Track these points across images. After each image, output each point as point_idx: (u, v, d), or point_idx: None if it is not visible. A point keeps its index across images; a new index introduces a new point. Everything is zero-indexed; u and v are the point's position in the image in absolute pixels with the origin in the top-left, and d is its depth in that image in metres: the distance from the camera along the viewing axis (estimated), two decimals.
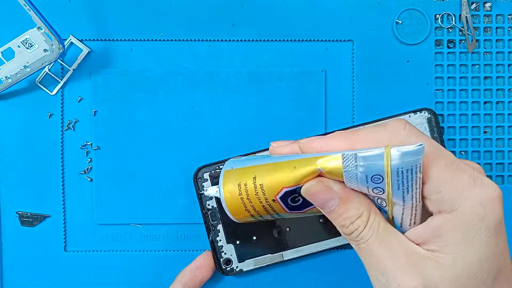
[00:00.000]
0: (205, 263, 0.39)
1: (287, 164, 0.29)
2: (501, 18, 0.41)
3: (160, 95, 0.40)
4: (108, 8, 0.40)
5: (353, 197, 0.28)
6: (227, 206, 0.31)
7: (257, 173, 0.30)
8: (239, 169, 0.31)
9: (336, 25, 0.40)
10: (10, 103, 0.40)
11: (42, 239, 0.40)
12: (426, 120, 0.39)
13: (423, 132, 0.28)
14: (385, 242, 0.28)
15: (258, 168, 0.30)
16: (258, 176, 0.30)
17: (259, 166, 0.30)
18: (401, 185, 0.26)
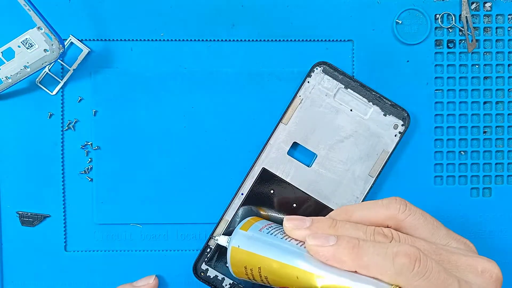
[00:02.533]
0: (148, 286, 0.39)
1: (290, 270, 0.29)
2: (501, 18, 0.41)
3: (160, 95, 0.40)
4: (108, 8, 0.40)
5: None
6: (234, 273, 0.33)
7: (262, 266, 0.31)
8: (245, 252, 0.32)
9: (336, 25, 0.40)
10: (10, 103, 0.40)
11: (42, 239, 0.40)
12: (323, 72, 0.39)
13: (438, 266, 0.28)
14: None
15: (263, 260, 0.31)
16: (263, 268, 0.31)
17: (264, 258, 0.31)
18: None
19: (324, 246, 0.29)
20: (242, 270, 0.32)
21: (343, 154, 0.39)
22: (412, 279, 0.27)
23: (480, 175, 0.41)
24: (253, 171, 0.39)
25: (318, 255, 0.29)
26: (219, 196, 0.40)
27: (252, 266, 0.31)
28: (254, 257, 0.31)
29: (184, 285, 0.41)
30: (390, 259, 0.27)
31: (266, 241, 0.31)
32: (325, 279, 0.28)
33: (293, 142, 0.39)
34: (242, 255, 0.32)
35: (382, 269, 0.27)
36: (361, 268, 0.28)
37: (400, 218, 0.31)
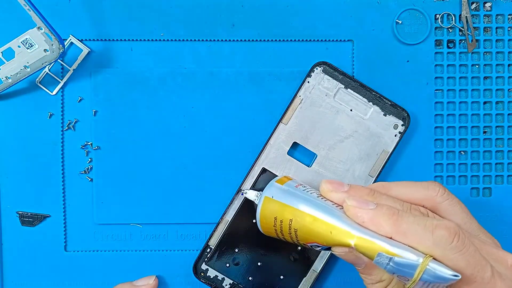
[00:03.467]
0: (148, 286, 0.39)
1: (325, 226, 0.29)
2: (501, 18, 0.41)
3: (160, 95, 0.40)
4: (108, 8, 0.40)
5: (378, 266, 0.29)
6: (261, 226, 0.33)
7: (294, 218, 0.30)
8: (279, 203, 0.31)
9: (336, 25, 0.40)
10: (10, 103, 0.40)
11: (42, 239, 0.40)
12: (323, 72, 0.39)
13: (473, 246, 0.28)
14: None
15: (297, 212, 0.30)
16: (294, 221, 0.30)
17: (298, 211, 0.30)
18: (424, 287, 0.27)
19: (363, 209, 0.29)
20: (271, 222, 0.32)
21: (343, 154, 0.39)
22: (449, 252, 0.27)
23: (480, 175, 0.41)
24: (253, 171, 0.39)
25: (355, 216, 0.29)
26: (219, 196, 0.40)
27: (283, 218, 0.31)
28: (287, 209, 0.31)
29: (184, 285, 0.41)
30: (430, 230, 0.27)
31: (302, 196, 0.31)
32: (359, 237, 0.28)
33: (293, 142, 0.39)
34: (275, 206, 0.31)
35: (420, 238, 0.27)
36: (398, 234, 0.28)
37: (438, 200, 0.31)
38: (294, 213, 0.30)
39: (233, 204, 0.39)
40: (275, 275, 0.39)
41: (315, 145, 0.39)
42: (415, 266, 0.27)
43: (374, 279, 0.30)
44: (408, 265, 0.27)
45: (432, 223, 0.28)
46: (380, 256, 0.27)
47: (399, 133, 0.39)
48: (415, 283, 0.27)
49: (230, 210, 0.39)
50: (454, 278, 0.26)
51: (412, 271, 0.27)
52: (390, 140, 0.39)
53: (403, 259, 0.27)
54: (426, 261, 0.26)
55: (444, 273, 0.26)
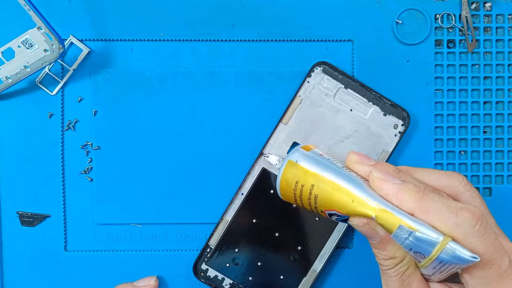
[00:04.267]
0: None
1: (347, 194, 0.29)
2: (501, 18, 0.41)
3: (160, 95, 0.40)
4: (108, 8, 0.40)
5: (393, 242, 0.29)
6: (280, 190, 0.32)
7: (316, 184, 0.30)
8: (302, 168, 0.31)
9: (336, 25, 0.40)
10: (10, 103, 0.40)
11: (42, 239, 0.40)
12: (323, 72, 0.39)
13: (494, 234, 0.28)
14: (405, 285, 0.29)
15: (320, 178, 0.30)
16: (316, 187, 0.30)
17: (321, 177, 0.30)
18: (437, 268, 0.27)
19: (389, 182, 0.29)
20: (291, 186, 0.31)
21: (343, 154, 0.39)
22: (470, 235, 0.27)
23: (480, 175, 0.41)
24: (253, 171, 0.39)
25: (380, 188, 0.29)
26: (219, 196, 0.40)
27: (305, 183, 0.30)
28: (311, 174, 0.30)
29: (184, 285, 0.41)
30: (454, 211, 0.27)
31: (326, 164, 0.31)
32: (381, 209, 0.28)
33: (293, 142, 0.39)
34: (298, 170, 0.31)
35: (443, 217, 0.27)
36: (421, 211, 0.28)
37: (460, 190, 0.31)
38: (317, 179, 0.30)
39: (233, 204, 0.39)
40: (275, 275, 0.39)
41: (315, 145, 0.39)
42: (434, 243, 0.26)
43: (387, 255, 0.30)
44: (428, 241, 0.26)
45: (456, 205, 0.28)
46: (401, 229, 0.27)
47: (399, 133, 0.39)
48: (431, 260, 0.27)
49: (230, 209, 0.39)
50: (472, 260, 0.26)
51: (431, 248, 0.26)
52: (390, 140, 0.39)
53: (423, 235, 0.26)
54: (446, 240, 0.26)
55: (463, 254, 0.26)
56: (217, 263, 0.39)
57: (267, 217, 0.39)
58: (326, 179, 0.30)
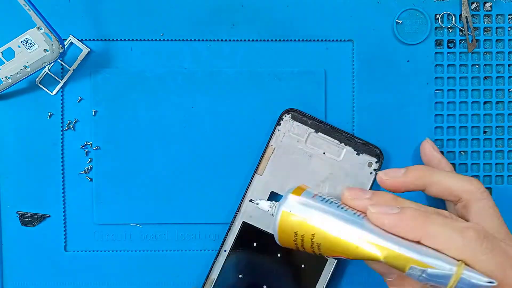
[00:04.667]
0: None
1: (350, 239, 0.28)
2: (501, 18, 0.41)
3: (160, 95, 0.40)
4: (108, 8, 0.40)
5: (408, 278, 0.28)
6: (279, 240, 0.31)
7: (317, 233, 0.29)
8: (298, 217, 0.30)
9: (336, 25, 0.40)
10: (10, 103, 0.40)
11: (42, 239, 0.40)
12: (292, 119, 0.39)
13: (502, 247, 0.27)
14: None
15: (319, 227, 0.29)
16: (317, 236, 0.29)
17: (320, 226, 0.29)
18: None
19: (387, 214, 0.28)
20: (290, 237, 0.30)
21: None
22: (480, 253, 0.26)
23: (480, 175, 0.41)
24: (233, 227, 0.39)
25: (381, 222, 0.28)
26: (219, 196, 0.40)
27: (304, 233, 0.29)
28: (308, 223, 0.29)
29: (184, 285, 0.41)
30: (459, 231, 0.27)
31: (322, 208, 0.29)
32: (388, 250, 0.27)
33: (271, 192, 0.39)
34: (294, 221, 0.30)
35: (450, 240, 0.27)
36: (427, 237, 0.27)
37: (478, 197, 0.31)
38: (316, 228, 0.29)
39: (217, 263, 0.39)
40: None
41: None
42: (449, 276, 0.26)
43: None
44: (442, 275, 0.26)
45: (460, 225, 0.27)
46: (413, 269, 0.27)
47: (374, 170, 0.39)
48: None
49: (214, 268, 0.39)
50: (489, 285, 0.26)
51: (446, 281, 0.26)
52: (366, 179, 0.39)
53: (437, 270, 0.26)
54: (460, 270, 0.26)
55: (480, 281, 0.26)
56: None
57: (253, 270, 0.39)
58: (326, 227, 0.29)
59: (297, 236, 0.30)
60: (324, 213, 0.29)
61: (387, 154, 0.40)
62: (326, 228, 0.29)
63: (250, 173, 0.40)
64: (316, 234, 0.29)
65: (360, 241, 0.28)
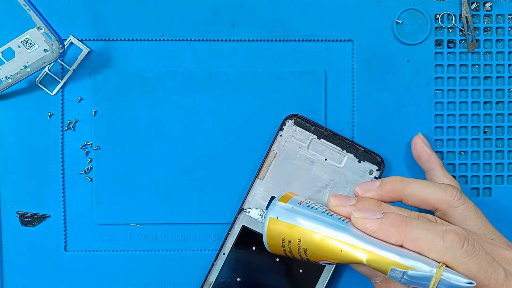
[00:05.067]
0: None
1: (334, 243, 0.29)
2: (501, 18, 0.41)
3: (160, 95, 0.40)
4: (108, 8, 0.40)
5: None
6: (268, 247, 0.32)
7: (303, 238, 0.30)
8: (285, 223, 0.31)
9: (336, 25, 0.40)
10: (10, 103, 0.40)
11: (42, 239, 0.40)
12: (295, 124, 0.39)
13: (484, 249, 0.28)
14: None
15: (305, 232, 0.30)
16: (303, 241, 0.30)
17: (306, 230, 0.30)
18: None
19: (371, 219, 0.29)
20: (278, 242, 0.31)
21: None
22: (461, 256, 0.27)
23: (480, 175, 0.41)
24: (233, 230, 0.39)
25: (364, 227, 0.29)
26: (219, 196, 0.40)
27: (291, 238, 0.31)
28: (294, 229, 0.30)
29: (184, 285, 0.41)
30: (440, 234, 0.28)
31: (307, 214, 0.31)
32: (370, 252, 0.28)
33: (271, 197, 0.39)
34: (281, 227, 0.31)
35: (431, 243, 0.27)
36: (409, 241, 0.28)
37: (454, 205, 0.32)
38: (302, 233, 0.30)
39: (215, 265, 0.39)
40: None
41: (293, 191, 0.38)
42: (429, 278, 0.27)
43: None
44: (422, 277, 0.27)
45: (441, 228, 0.28)
46: (394, 271, 0.27)
47: (375, 178, 0.39)
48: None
49: (213, 271, 0.39)
50: (469, 286, 0.26)
51: (427, 282, 0.27)
52: None
53: (417, 272, 0.27)
54: (440, 271, 0.27)
55: (459, 282, 0.26)
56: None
57: (251, 274, 0.39)
58: (310, 231, 0.30)
59: (284, 241, 0.31)
60: (309, 218, 0.30)
61: (387, 155, 0.40)
62: (311, 233, 0.30)
63: (250, 173, 0.40)
64: (302, 239, 0.30)
65: (343, 244, 0.29)
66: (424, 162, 0.38)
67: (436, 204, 0.32)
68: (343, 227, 0.29)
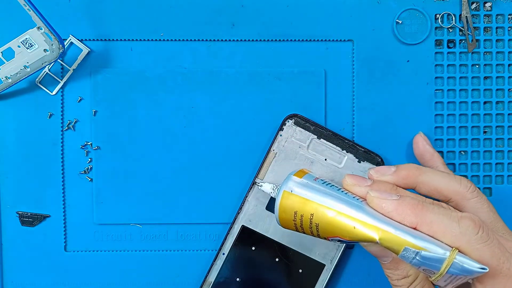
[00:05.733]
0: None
1: (348, 220, 0.29)
2: (501, 18, 0.41)
3: (160, 95, 0.40)
4: (108, 8, 0.40)
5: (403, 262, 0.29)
6: (279, 221, 0.32)
7: (316, 213, 0.30)
8: (299, 197, 0.31)
9: (336, 25, 0.40)
10: (10, 103, 0.40)
11: (42, 239, 0.40)
12: (295, 124, 0.39)
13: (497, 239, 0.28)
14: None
15: (318, 207, 0.30)
16: (316, 216, 0.30)
17: (319, 205, 0.30)
18: (448, 280, 0.27)
19: (387, 199, 0.29)
20: (290, 216, 0.31)
21: None
22: (475, 242, 0.27)
23: (480, 175, 0.41)
24: (232, 230, 0.39)
25: (379, 206, 0.29)
26: (219, 196, 0.40)
27: (304, 213, 0.30)
28: (308, 203, 0.30)
29: (183, 285, 0.41)
30: (456, 220, 0.28)
31: (322, 189, 0.30)
32: (384, 231, 0.28)
33: (271, 197, 0.39)
34: (295, 200, 0.31)
35: (446, 227, 0.27)
36: (424, 224, 0.28)
37: (467, 197, 0.32)
38: (315, 208, 0.30)
39: (215, 265, 0.39)
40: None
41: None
42: (442, 260, 0.27)
43: (400, 274, 0.30)
44: (435, 258, 0.27)
45: (457, 214, 0.28)
46: (406, 250, 0.27)
47: None
48: (441, 276, 0.27)
49: (212, 270, 0.39)
50: (481, 271, 0.26)
51: (439, 264, 0.27)
52: None
53: (430, 253, 0.27)
54: (453, 255, 0.26)
55: (472, 266, 0.26)
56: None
57: (250, 274, 0.39)
58: (324, 207, 0.30)
59: (296, 216, 0.31)
60: (324, 194, 0.30)
61: (387, 155, 0.40)
62: (324, 208, 0.30)
63: (250, 173, 0.40)
64: (315, 214, 0.30)
65: (357, 222, 0.29)
66: (427, 160, 0.38)
67: (450, 194, 0.32)
68: (358, 205, 0.29)
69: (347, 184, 0.31)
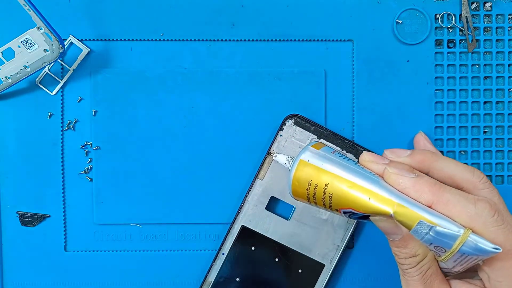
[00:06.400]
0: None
1: (363, 192, 0.29)
2: (501, 18, 0.41)
3: (160, 95, 0.40)
4: (108, 8, 0.40)
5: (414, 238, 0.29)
6: (292, 190, 0.31)
7: (331, 182, 0.30)
8: (315, 167, 0.30)
9: (336, 25, 0.40)
10: (10, 103, 0.40)
11: (42, 239, 0.40)
12: (295, 124, 0.39)
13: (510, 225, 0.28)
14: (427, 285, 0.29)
15: (333, 177, 0.30)
16: (330, 186, 0.30)
17: (335, 176, 0.30)
18: (458, 261, 0.27)
19: (404, 176, 0.29)
20: (304, 186, 0.31)
21: None
22: (490, 224, 0.27)
23: None
24: (232, 230, 0.39)
25: (396, 182, 0.29)
26: (218, 196, 0.40)
27: (318, 182, 0.30)
28: (324, 173, 0.30)
29: (183, 285, 0.41)
30: (472, 201, 0.28)
31: (339, 161, 0.30)
32: (399, 205, 0.27)
33: (271, 197, 0.39)
34: (310, 170, 0.30)
35: (463, 207, 0.27)
36: (440, 203, 0.28)
37: (479, 187, 0.31)
38: (331, 178, 0.30)
39: (215, 265, 0.39)
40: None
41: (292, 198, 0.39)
42: (455, 237, 0.26)
43: (408, 252, 0.30)
44: (448, 235, 0.26)
45: (473, 196, 0.28)
46: (421, 224, 0.27)
47: None
48: (452, 254, 0.27)
49: (212, 270, 0.39)
50: (494, 251, 0.26)
51: (451, 241, 0.26)
52: None
53: (444, 229, 0.26)
54: (467, 233, 0.26)
55: (485, 245, 0.26)
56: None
57: (250, 274, 0.39)
58: (340, 177, 0.29)
59: (310, 185, 0.30)
60: (341, 165, 0.30)
61: None
62: (340, 179, 0.29)
63: (250, 173, 0.40)
64: (330, 184, 0.30)
65: (372, 194, 0.28)
66: None
67: (462, 183, 0.32)
68: (374, 179, 0.29)
69: (364, 160, 0.31)
